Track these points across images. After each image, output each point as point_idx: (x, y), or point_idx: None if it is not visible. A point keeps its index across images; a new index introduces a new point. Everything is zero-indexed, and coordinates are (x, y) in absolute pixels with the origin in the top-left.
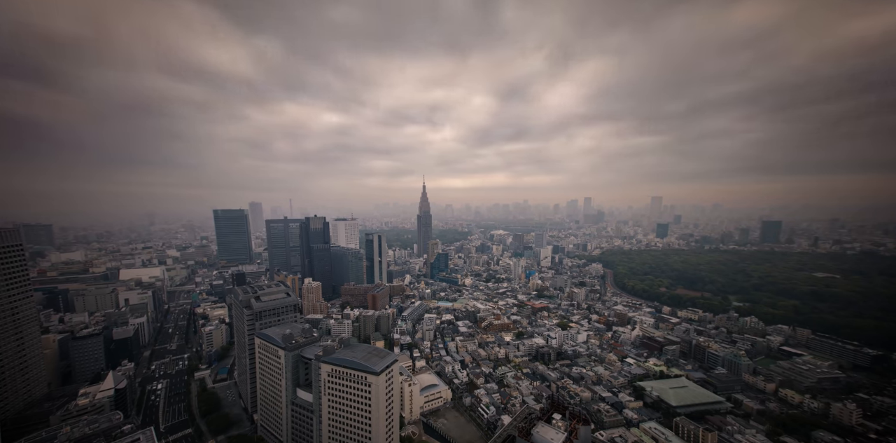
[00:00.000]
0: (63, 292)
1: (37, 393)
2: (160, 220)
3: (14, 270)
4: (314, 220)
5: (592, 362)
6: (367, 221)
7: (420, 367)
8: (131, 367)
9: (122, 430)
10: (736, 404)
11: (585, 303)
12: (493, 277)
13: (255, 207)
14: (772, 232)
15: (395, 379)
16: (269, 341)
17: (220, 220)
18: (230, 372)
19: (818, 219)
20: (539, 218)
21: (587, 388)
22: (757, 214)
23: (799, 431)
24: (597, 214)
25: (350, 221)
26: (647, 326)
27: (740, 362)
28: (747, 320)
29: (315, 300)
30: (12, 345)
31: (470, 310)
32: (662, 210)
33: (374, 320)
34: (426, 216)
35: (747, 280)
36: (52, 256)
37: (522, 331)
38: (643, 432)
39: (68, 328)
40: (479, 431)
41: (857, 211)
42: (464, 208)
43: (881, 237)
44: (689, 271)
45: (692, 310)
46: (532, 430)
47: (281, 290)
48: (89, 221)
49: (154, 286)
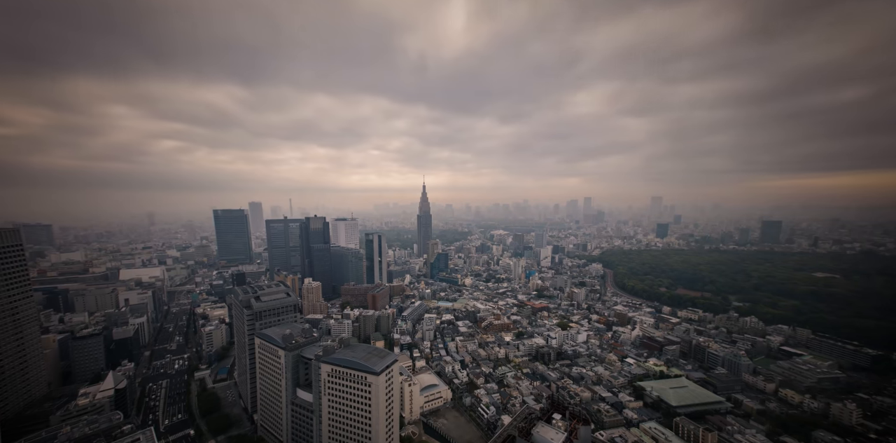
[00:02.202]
0: (63, 292)
1: (37, 393)
2: (160, 220)
3: (14, 270)
4: (314, 220)
5: (592, 362)
6: (367, 221)
7: (420, 367)
8: (131, 367)
9: (122, 430)
10: (736, 404)
11: (585, 303)
12: (493, 277)
13: (255, 207)
14: (772, 232)
15: (395, 379)
16: (269, 341)
17: (220, 220)
18: (230, 372)
19: (818, 219)
20: (539, 218)
21: (587, 388)
22: (757, 214)
23: (799, 431)
24: (597, 214)
25: (350, 221)
26: (647, 326)
27: (740, 362)
28: (747, 320)
29: (315, 300)
30: (12, 345)
31: (470, 310)
32: (662, 210)
33: (374, 320)
34: (426, 216)
35: (747, 280)
36: (52, 256)
37: (522, 331)
38: (643, 432)
39: (68, 328)
40: (479, 431)
41: (857, 211)
42: (464, 208)
43: (881, 237)
44: (689, 271)
45: (692, 310)
46: (532, 430)
47: (281, 290)
48: (89, 221)
49: (154, 286)
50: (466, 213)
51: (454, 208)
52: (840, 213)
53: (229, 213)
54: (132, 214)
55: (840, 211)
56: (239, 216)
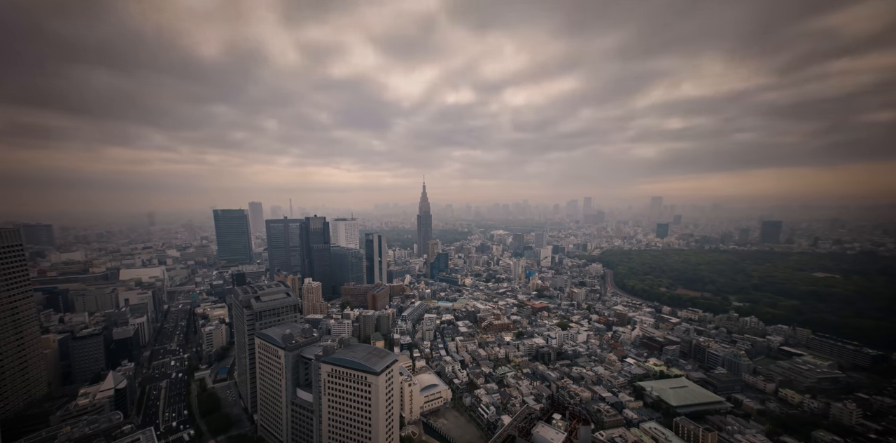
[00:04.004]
0: (63, 292)
1: (37, 393)
2: (160, 220)
3: (14, 270)
4: (314, 220)
5: (592, 362)
6: (367, 221)
7: (420, 367)
8: (131, 367)
9: (122, 430)
10: (736, 404)
11: (585, 303)
12: (493, 277)
13: (255, 207)
14: (772, 232)
15: (395, 379)
16: (269, 341)
17: (220, 220)
18: (230, 372)
19: (818, 219)
20: (539, 218)
21: (587, 388)
22: (757, 214)
23: (799, 431)
24: (597, 214)
25: (350, 221)
26: (647, 326)
27: (740, 362)
28: (747, 320)
29: (315, 300)
30: (12, 345)
31: (470, 310)
32: (662, 210)
33: (374, 320)
34: (426, 216)
35: (747, 280)
36: (52, 256)
37: (522, 331)
38: (643, 432)
39: (68, 328)
40: (479, 431)
41: (857, 211)
42: (464, 208)
43: (881, 237)
44: (689, 271)
45: (692, 310)
46: (532, 430)
47: (281, 290)
48: (89, 221)
49: (154, 286)
50: (466, 213)
51: (454, 208)
52: (840, 213)
53: (229, 213)
54: (132, 214)
55: (840, 211)
56: (239, 216)
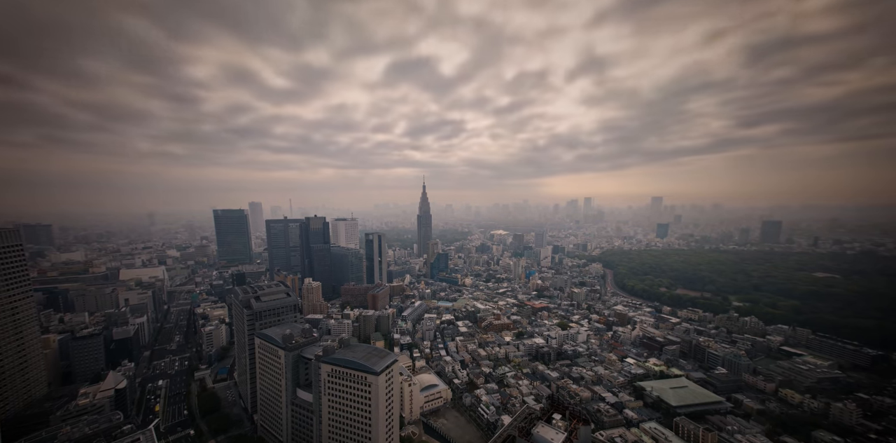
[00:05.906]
0: (63, 292)
1: (37, 393)
2: (160, 220)
3: (14, 270)
4: (314, 220)
5: (592, 362)
6: (367, 221)
7: (420, 367)
8: (131, 367)
9: (122, 430)
10: (736, 404)
11: (585, 303)
12: (493, 277)
13: (255, 207)
14: (772, 232)
15: (395, 379)
16: (269, 341)
17: (220, 220)
18: (230, 372)
19: (818, 219)
20: (539, 218)
21: (587, 388)
22: (757, 214)
23: (799, 431)
24: (597, 214)
25: (350, 221)
26: (647, 326)
27: (740, 362)
28: (747, 320)
29: (315, 300)
30: (12, 345)
31: (470, 310)
32: (662, 210)
33: (374, 320)
34: (426, 216)
35: (747, 280)
36: (52, 256)
37: (522, 331)
38: (643, 432)
39: (68, 328)
40: (479, 431)
41: (857, 211)
42: (464, 208)
43: (881, 237)
44: (689, 271)
45: (692, 310)
46: (532, 430)
47: (281, 290)
48: (89, 221)
49: (154, 286)
50: (466, 213)
51: (454, 208)
52: (840, 213)
53: (229, 213)
54: (132, 214)
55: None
56: (239, 216)
